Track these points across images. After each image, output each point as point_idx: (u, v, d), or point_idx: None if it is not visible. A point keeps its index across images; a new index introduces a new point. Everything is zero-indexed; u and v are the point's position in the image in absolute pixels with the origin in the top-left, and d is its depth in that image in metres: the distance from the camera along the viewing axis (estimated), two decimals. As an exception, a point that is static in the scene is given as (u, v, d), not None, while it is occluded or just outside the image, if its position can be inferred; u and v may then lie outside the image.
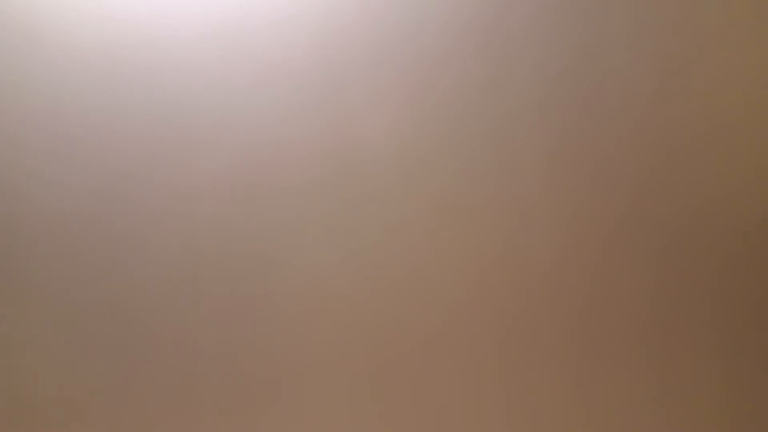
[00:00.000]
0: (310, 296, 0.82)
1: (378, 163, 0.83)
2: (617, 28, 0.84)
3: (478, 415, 0.82)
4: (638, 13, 0.85)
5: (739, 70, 0.85)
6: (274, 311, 0.82)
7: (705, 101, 0.85)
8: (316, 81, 0.83)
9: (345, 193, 0.82)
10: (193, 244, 0.81)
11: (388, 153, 0.83)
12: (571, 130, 0.84)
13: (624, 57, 0.84)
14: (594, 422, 0.83)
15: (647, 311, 0.83)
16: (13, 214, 0.81)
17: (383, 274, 0.82)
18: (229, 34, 0.83)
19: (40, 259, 0.81)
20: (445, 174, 0.83)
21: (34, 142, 0.81)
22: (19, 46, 0.82)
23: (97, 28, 0.82)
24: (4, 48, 0.81)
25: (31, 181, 0.81)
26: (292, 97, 0.83)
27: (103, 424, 0.81)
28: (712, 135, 0.84)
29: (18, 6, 0.82)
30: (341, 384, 0.82)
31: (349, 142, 0.83)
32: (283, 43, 0.83)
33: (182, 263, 0.81)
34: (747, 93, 0.85)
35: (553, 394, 0.83)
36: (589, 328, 0.83)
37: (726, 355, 0.84)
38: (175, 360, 0.81)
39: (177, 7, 0.83)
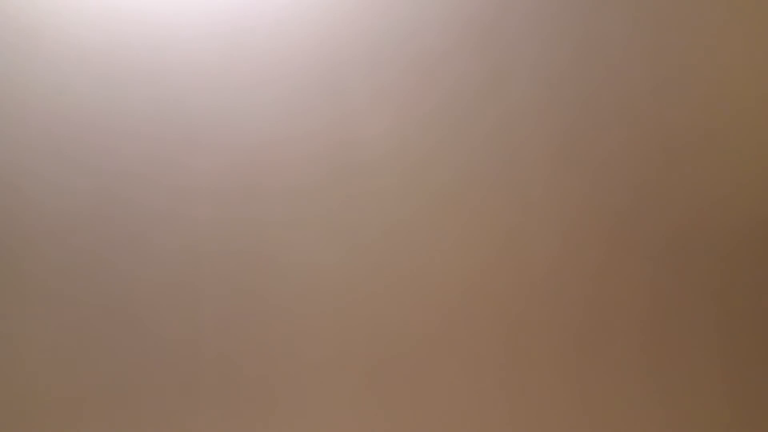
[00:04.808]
0: (309, 296, 0.82)
1: (378, 163, 0.83)
2: (617, 28, 0.84)
3: (479, 415, 0.82)
4: (638, 13, 0.85)
5: (740, 71, 0.85)
6: (274, 311, 0.82)
7: (705, 101, 0.85)
8: (316, 81, 0.83)
9: (345, 193, 0.82)
10: (193, 244, 0.81)
11: (388, 153, 0.83)
12: (571, 130, 0.84)
13: (624, 57, 0.84)
14: (594, 422, 0.83)
15: (647, 311, 0.83)
16: (13, 214, 0.81)
17: (383, 274, 0.82)
18: (229, 34, 0.83)
19: (40, 259, 0.81)
20: (445, 174, 0.83)
21: (34, 142, 0.81)
22: (19, 46, 0.82)
23: (97, 28, 0.82)
24: (4, 48, 0.81)
25: (31, 181, 0.81)
26: (292, 97, 0.83)
27: (103, 424, 0.81)
28: (713, 135, 0.84)
29: (18, 6, 0.82)
30: (341, 384, 0.82)
31: (349, 142, 0.83)
32: (283, 43, 0.83)
33: (182, 263, 0.81)
34: (747, 93, 0.85)
35: (553, 394, 0.83)
36: (590, 328, 0.83)
37: (726, 355, 0.84)
38: (175, 360, 0.81)
39: (177, 7, 0.83)
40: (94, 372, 0.81)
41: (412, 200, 0.83)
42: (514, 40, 0.84)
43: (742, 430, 0.83)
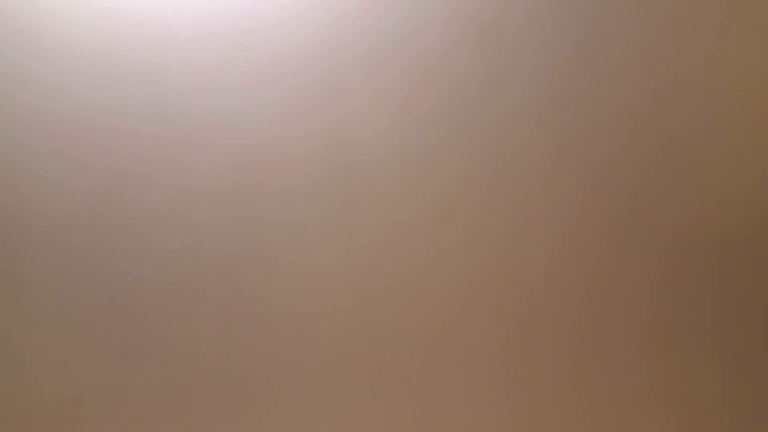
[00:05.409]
0: (310, 296, 0.82)
1: (378, 163, 0.83)
2: (617, 28, 0.84)
3: (479, 415, 0.82)
4: (638, 13, 0.85)
5: (740, 71, 0.85)
6: (274, 311, 0.82)
7: (705, 101, 0.85)
8: (316, 81, 0.83)
9: (345, 193, 0.82)
10: (193, 244, 0.81)
11: (388, 153, 0.83)
12: (571, 130, 0.84)
13: (624, 57, 0.84)
14: (594, 422, 0.83)
15: (647, 311, 0.83)
16: (13, 214, 0.81)
17: (383, 274, 0.82)
18: (229, 34, 0.83)
19: (40, 259, 0.81)
20: (445, 174, 0.83)
21: (34, 142, 0.81)
22: (19, 46, 0.82)
23: (97, 28, 0.82)
24: (4, 48, 0.81)
25: (31, 181, 0.81)
26: (292, 97, 0.83)
27: (103, 424, 0.81)
28: (713, 135, 0.84)
29: (18, 6, 0.82)
30: (341, 384, 0.82)
31: (349, 142, 0.83)
32: (283, 43, 0.83)
33: (182, 263, 0.81)
34: (747, 93, 0.85)
35: (553, 394, 0.83)
36: (589, 329, 0.83)
37: (726, 355, 0.84)
38: (175, 360, 0.81)
39: (177, 7, 0.83)
40: (94, 372, 0.81)
41: (412, 200, 0.83)
42: (514, 40, 0.84)
43: (742, 430, 0.83)
